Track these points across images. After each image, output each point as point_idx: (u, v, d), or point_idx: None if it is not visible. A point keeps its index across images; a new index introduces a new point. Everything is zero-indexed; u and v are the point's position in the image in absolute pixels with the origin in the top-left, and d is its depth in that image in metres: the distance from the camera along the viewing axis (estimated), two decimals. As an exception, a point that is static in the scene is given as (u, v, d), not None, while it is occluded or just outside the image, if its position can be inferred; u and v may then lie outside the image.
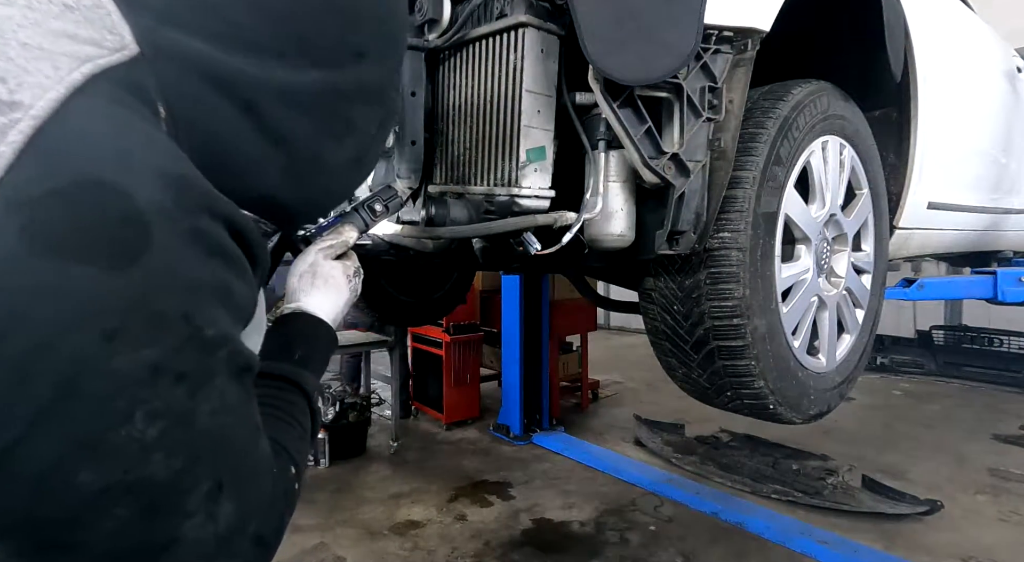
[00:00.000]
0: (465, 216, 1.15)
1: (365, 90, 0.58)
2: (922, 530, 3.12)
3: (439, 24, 1.10)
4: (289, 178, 0.56)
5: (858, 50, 1.56)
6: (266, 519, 0.50)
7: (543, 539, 3.08)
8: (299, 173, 0.57)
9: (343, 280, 0.81)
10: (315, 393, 0.71)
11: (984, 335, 6.33)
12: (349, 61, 0.55)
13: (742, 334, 1.25)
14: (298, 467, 0.60)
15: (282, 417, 0.64)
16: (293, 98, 0.52)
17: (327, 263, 0.80)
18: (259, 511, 0.49)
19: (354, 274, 0.83)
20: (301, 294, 0.78)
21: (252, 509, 0.48)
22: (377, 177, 1.29)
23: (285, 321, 0.77)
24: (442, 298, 3.04)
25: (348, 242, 0.84)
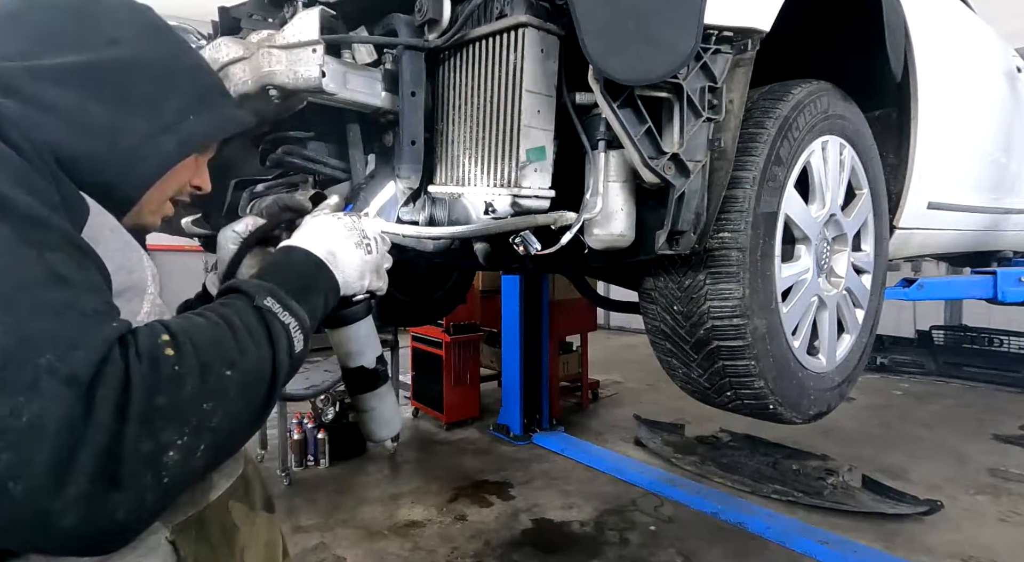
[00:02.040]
0: (465, 216, 1.15)
1: (134, 69, 0.69)
2: (922, 530, 3.12)
3: (439, 24, 1.10)
4: (73, 135, 0.64)
5: (858, 50, 1.56)
6: (68, 358, 0.46)
7: (543, 539, 3.09)
8: (81, 131, 0.64)
9: (328, 219, 0.80)
10: (261, 295, 0.64)
11: (984, 335, 6.34)
12: (104, 46, 0.68)
13: (742, 334, 1.25)
14: (176, 342, 0.52)
15: (197, 315, 0.59)
16: (54, 76, 0.64)
17: (315, 218, 0.81)
18: (49, 346, 0.46)
19: (348, 216, 0.82)
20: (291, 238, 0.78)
21: (36, 342, 0.46)
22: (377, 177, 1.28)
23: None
24: (442, 298, 3.04)
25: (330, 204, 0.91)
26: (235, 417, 0.56)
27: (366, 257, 0.80)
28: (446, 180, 1.19)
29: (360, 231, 0.81)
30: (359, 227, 0.81)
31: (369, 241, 0.82)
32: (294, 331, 0.64)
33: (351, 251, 0.79)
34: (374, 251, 0.82)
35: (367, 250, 0.81)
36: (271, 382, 0.60)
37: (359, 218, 0.84)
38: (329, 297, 0.75)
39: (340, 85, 1.06)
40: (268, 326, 0.62)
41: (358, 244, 0.79)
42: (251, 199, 1.40)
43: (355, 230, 0.80)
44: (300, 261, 0.74)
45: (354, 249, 0.79)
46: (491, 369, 5.36)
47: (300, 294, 0.69)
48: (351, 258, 0.78)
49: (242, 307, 0.62)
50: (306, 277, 0.73)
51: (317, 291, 0.73)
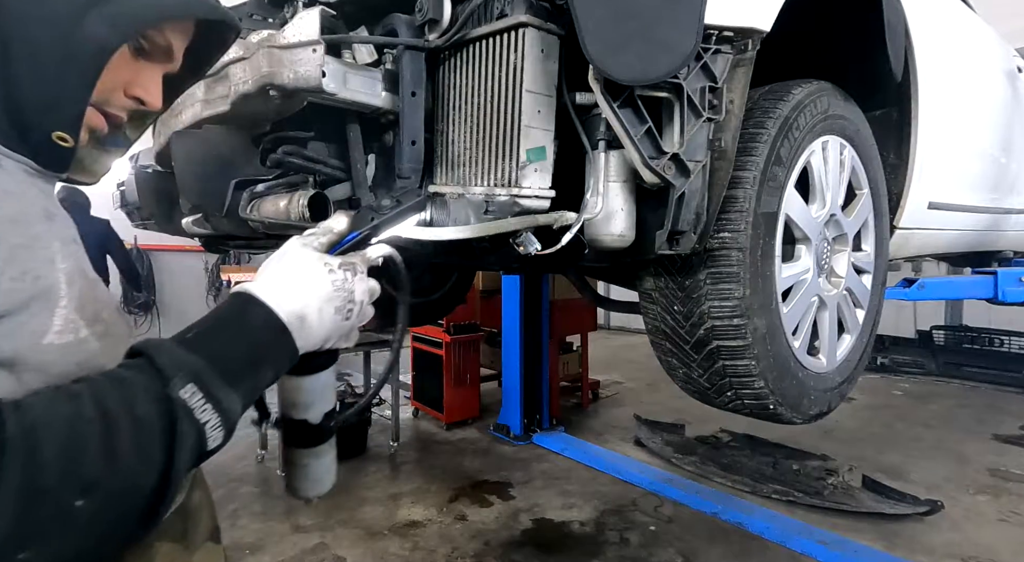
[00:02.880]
0: (465, 216, 1.15)
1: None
2: (922, 530, 3.12)
3: (439, 24, 1.10)
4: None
5: (858, 50, 1.56)
6: None
7: (543, 539, 3.08)
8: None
9: (315, 267, 0.63)
10: (180, 379, 0.50)
11: (984, 335, 6.34)
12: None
13: (742, 334, 1.25)
14: (2, 448, 0.39)
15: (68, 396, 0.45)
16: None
17: (301, 249, 0.65)
18: None
19: (341, 268, 0.65)
20: (256, 279, 0.62)
21: None
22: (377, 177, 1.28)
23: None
24: (442, 298, 3.04)
25: (332, 229, 0.69)
26: (86, 552, 0.43)
27: (342, 323, 0.65)
28: (446, 180, 1.19)
29: (348, 294, 0.64)
30: (348, 287, 0.64)
31: (353, 306, 0.65)
32: (211, 429, 0.51)
33: (328, 317, 0.62)
34: (353, 317, 0.66)
35: (346, 316, 0.65)
36: (154, 499, 0.47)
37: (353, 273, 0.66)
38: (279, 370, 0.61)
39: (340, 85, 1.06)
40: (173, 426, 0.48)
41: (339, 309, 0.63)
42: (251, 199, 1.40)
43: (343, 292, 0.64)
44: (257, 325, 0.58)
45: (332, 315, 0.63)
46: (491, 369, 5.36)
47: (241, 373, 0.55)
48: (324, 324, 0.62)
49: (143, 395, 0.47)
50: (258, 348, 0.57)
51: (266, 366, 0.58)
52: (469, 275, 3.18)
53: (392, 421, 4.36)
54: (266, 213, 1.33)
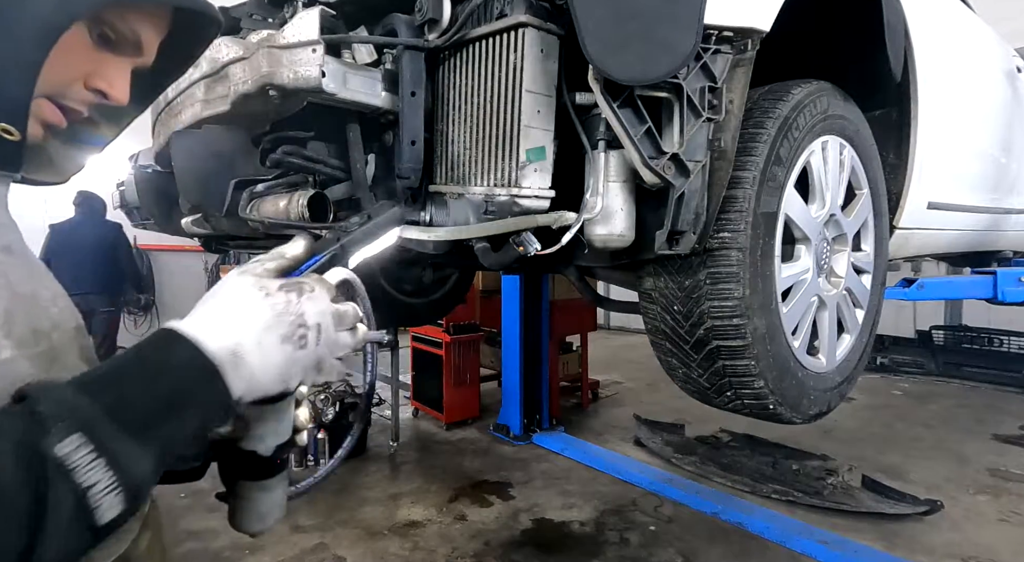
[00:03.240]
0: (465, 216, 1.15)
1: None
2: (922, 530, 3.12)
3: (439, 24, 1.10)
4: None
5: (858, 50, 1.56)
6: None
7: (543, 539, 3.08)
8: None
9: (248, 293, 0.53)
10: (62, 429, 0.40)
11: (984, 335, 6.34)
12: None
13: (742, 334, 1.25)
14: None
15: None
16: None
17: (236, 277, 0.56)
18: None
19: (282, 290, 0.55)
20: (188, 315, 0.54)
21: None
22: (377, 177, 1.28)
23: None
24: (442, 298, 3.04)
25: (284, 253, 0.61)
26: None
27: (296, 354, 0.54)
28: (446, 180, 1.19)
29: (296, 317, 0.54)
30: (296, 311, 0.54)
31: (306, 330, 0.54)
32: (101, 494, 0.40)
33: (273, 348, 0.52)
34: (310, 344, 0.55)
35: (299, 344, 0.54)
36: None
37: (300, 293, 0.55)
38: (209, 418, 0.50)
39: (340, 85, 1.06)
40: (41, 494, 0.37)
41: (287, 337, 0.53)
42: (251, 199, 1.40)
43: (287, 316, 0.53)
44: (178, 364, 0.48)
45: (278, 345, 0.53)
46: (491, 369, 5.35)
47: (151, 421, 0.45)
48: (270, 358, 0.52)
49: (7, 452, 0.38)
50: (176, 391, 0.47)
51: (188, 412, 0.48)
52: (469, 275, 3.18)
53: (392, 421, 4.36)
54: (266, 213, 1.33)
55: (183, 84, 1.30)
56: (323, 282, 0.59)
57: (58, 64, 0.54)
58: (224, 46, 1.16)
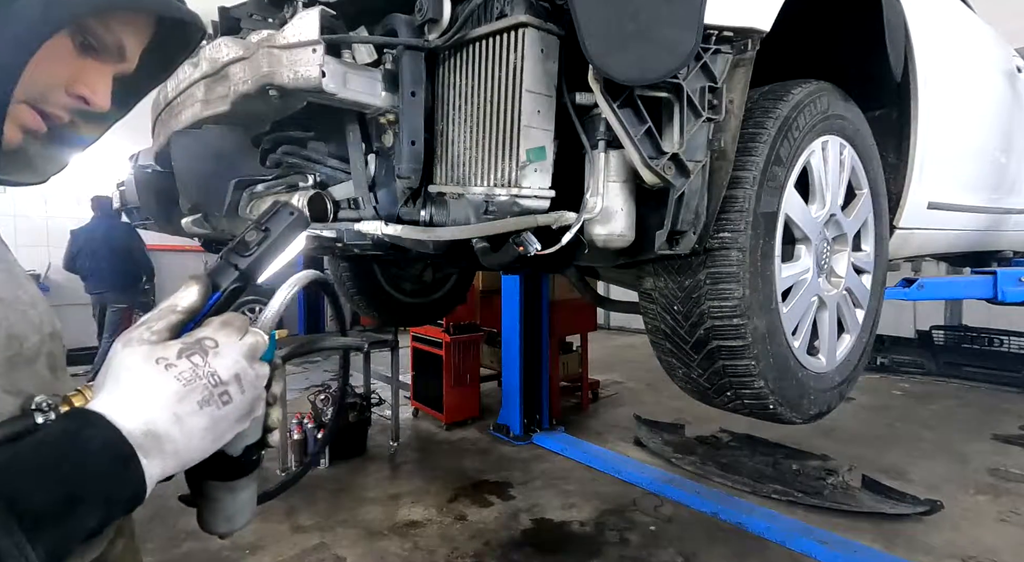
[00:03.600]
0: (465, 216, 1.15)
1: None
2: (922, 530, 3.12)
3: (439, 24, 1.10)
4: None
5: (858, 50, 1.56)
6: None
7: (543, 539, 3.08)
8: None
9: (145, 371, 0.49)
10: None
11: (984, 335, 6.34)
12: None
13: (742, 334, 1.25)
14: None
15: None
16: None
17: (123, 353, 0.50)
18: None
19: (183, 356, 0.50)
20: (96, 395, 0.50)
21: None
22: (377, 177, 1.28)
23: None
24: (442, 298, 3.04)
25: (175, 307, 0.55)
26: None
27: (219, 413, 0.51)
28: (446, 180, 1.19)
29: (208, 379, 0.51)
30: (206, 372, 0.51)
31: (226, 387, 0.51)
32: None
33: (193, 417, 0.49)
34: (236, 397, 0.52)
35: (221, 402, 0.51)
36: None
37: (204, 354, 0.51)
38: (113, 512, 0.46)
39: (340, 85, 1.06)
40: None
41: (205, 401, 0.50)
42: (251, 199, 1.40)
43: (198, 381, 0.50)
44: (92, 450, 0.44)
45: (198, 412, 0.49)
46: (491, 369, 5.36)
47: (49, 517, 0.41)
48: (193, 426, 0.49)
49: None
50: (83, 483, 0.43)
51: (93, 504, 0.44)
52: (469, 275, 3.18)
53: (392, 421, 4.36)
54: (266, 213, 1.33)
55: (183, 84, 1.30)
56: (226, 324, 0.55)
57: (39, 70, 0.54)
58: (224, 46, 1.16)
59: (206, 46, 1.23)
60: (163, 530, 3.02)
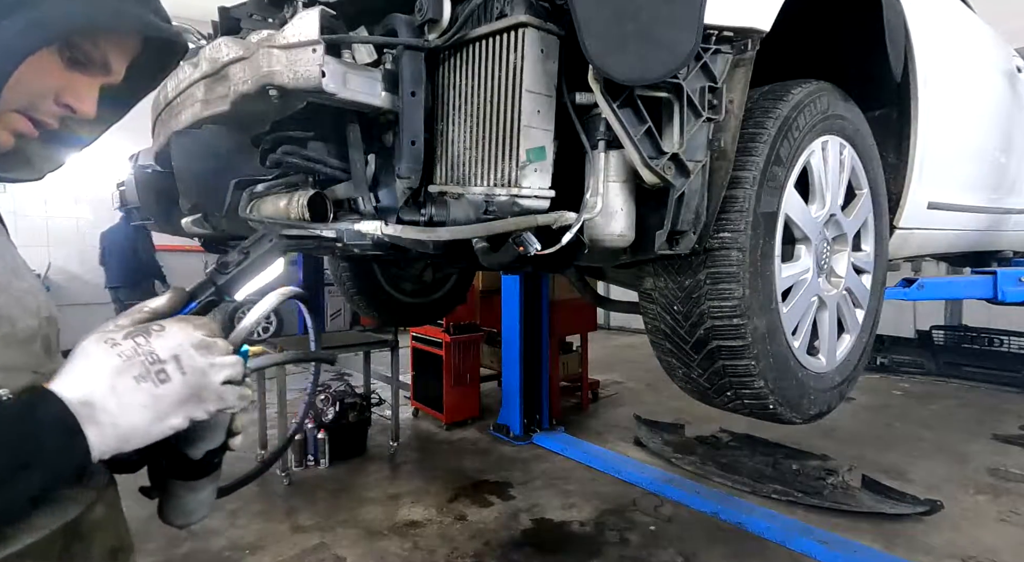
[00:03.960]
0: (465, 216, 1.15)
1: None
2: (922, 530, 3.12)
3: (439, 24, 1.10)
4: None
5: (858, 50, 1.56)
6: None
7: (543, 539, 3.09)
8: None
9: (94, 348, 0.55)
10: None
11: (984, 335, 6.34)
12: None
13: (742, 334, 1.25)
14: None
15: None
16: None
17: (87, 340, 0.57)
18: None
19: (127, 337, 0.56)
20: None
21: None
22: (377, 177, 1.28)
23: None
24: (442, 298, 3.04)
25: (143, 308, 0.62)
26: None
27: (159, 390, 0.55)
28: (446, 180, 1.19)
29: (146, 356, 0.56)
30: (145, 350, 0.56)
31: (162, 365, 0.56)
32: None
33: (129, 390, 0.54)
34: (174, 377, 0.56)
35: (159, 380, 0.56)
36: None
37: (147, 335, 0.57)
38: (59, 469, 0.52)
39: (340, 85, 1.06)
40: None
41: (142, 376, 0.55)
42: (251, 199, 1.40)
43: (137, 358, 0.55)
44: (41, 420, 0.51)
45: (135, 386, 0.54)
46: (491, 369, 5.36)
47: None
48: (130, 399, 0.54)
49: None
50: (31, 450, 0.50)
51: (39, 469, 0.50)
52: (469, 275, 3.18)
53: (392, 421, 4.36)
54: (266, 213, 1.33)
55: (183, 84, 1.30)
56: (183, 321, 0.60)
57: (28, 81, 0.59)
58: (224, 46, 1.16)
59: (206, 46, 1.23)
60: (163, 530, 3.01)
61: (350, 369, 5.36)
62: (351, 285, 2.70)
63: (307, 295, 0.77)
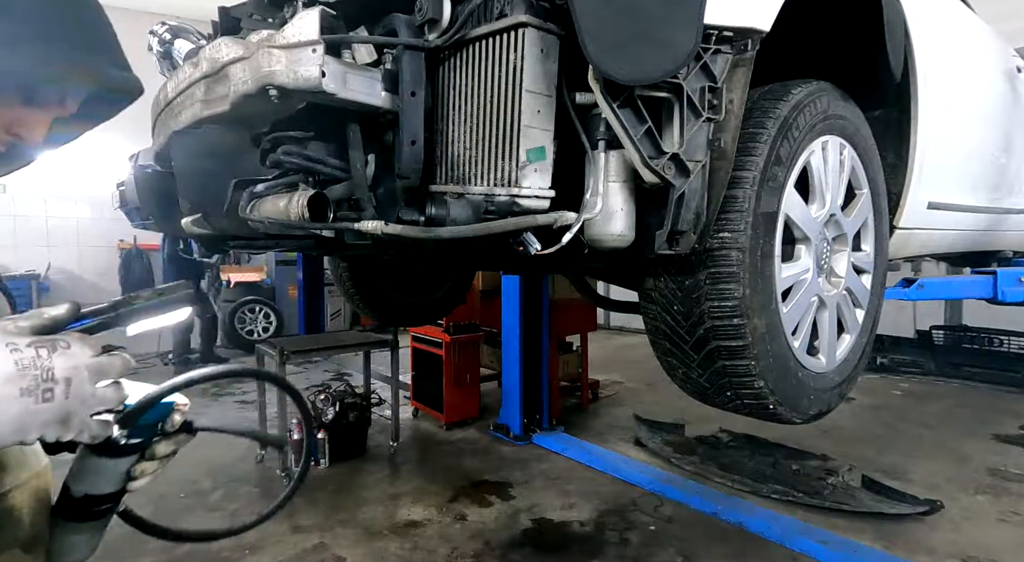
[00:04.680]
0: (465, 216, 1.15)
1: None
2: (922, 530, 3.12)
3: (439, 24, 1.10)
4: None
5: (858, 50, 1.56)
6: None
7: (543, 539, 3.08)
8: None
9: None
10: None
11: (984, 335, 6.33)
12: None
13: (742, 334, 1.25)
14: None
15: None
16: None
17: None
18: None
19: (31, 346, 0.55)
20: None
21: None
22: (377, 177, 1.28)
23: None
24: (442, 298, 3.05)
25: (43, 313, 0.61)
26: None
27: (36, 407, 0.55)
28: (446, 180, 1.19)
29: (42, 372, 0.55)
30: (43, 365, 0.55)
31: (52, 384, 0.55)
32: None
33: (8, 401, 0.53)
34: (57, 398, 0.56)
35: (43, 398, 0.55)
36: None
37: (53, 349, 0.56)
38: None
39: (340, 85, 1.06)
40: None
41: (28, 390, 0.54)
42: (251, 199, 1.40)
43: (32, 370, 0.55)
44: None
45: (16, 397, 0.54)
46: (491, 369, 5.35)
47: None
48: (5, 409, 0.53)
49: None
50: None
51: None
52: (469, 275, 3.18)
53: (392, 421, 4.36)
54: (266, 213, 1.33)
55: (183, 84, 1.30)
56: (85, 339, 0.60)
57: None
58: (224, 46, 1.16)
59: (206, 46, 1.23)
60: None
61: (350, 369, 5.36)
62: (351, 285, 2.70)
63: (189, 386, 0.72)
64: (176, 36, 1.69)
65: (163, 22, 1.72)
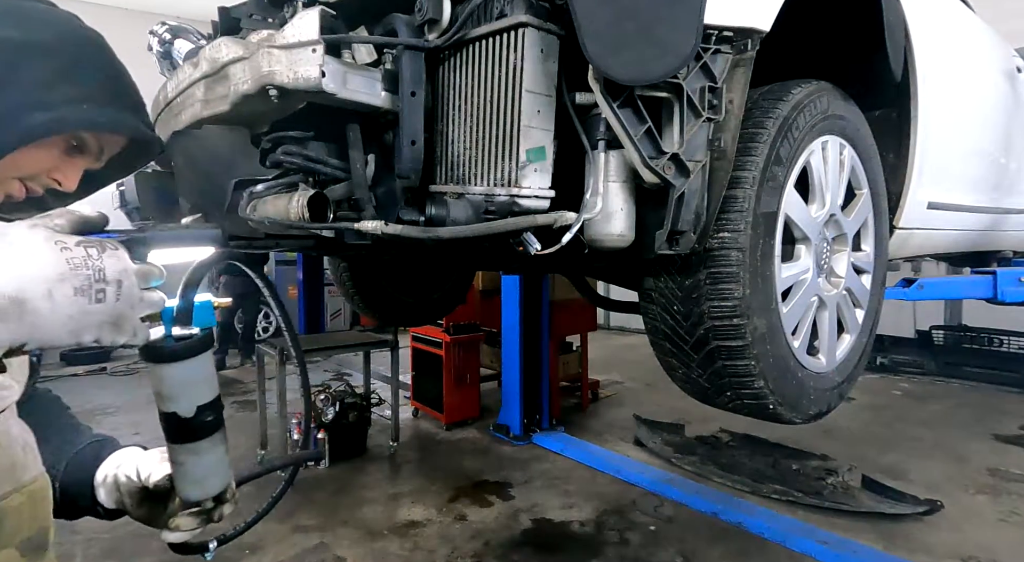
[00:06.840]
0: (465, 216, 1.15)
1: (26, 50, 0.68)
2: (922, 530, 3.12)
3: (439, 24, 1.10)
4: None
5: (858, 50, 1.56)
6: None
7: (543, 539, 3.09)
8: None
9: (41, 244, 0.52)
10: None
11: (984, 335, 6.33)
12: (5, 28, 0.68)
13: (742, 334, 1.25)
14: None
15: None
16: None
17: (25, 229, 0.53)
18: None
19: (80, 245, 0.54)
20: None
21: None
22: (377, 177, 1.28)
23: None
24: (442, 298, 3.04)
25: (74, 211, 0.60)
26: None
27: (90, 307, 0.53)
28: (446, 180, 1.19)
29: (95, 272, 0.54)
30: (94, 265, 0.54)
31: (105, 286, 0.54)
32: None
33: (65, 300, 0.52)
34: (109, 300, 0.55)
35: (95, 298, 0.54)
36: None
37: (102, 250, 0.55)
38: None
39: (340, 85, 1.06)
40: None
41: (81, 289, 0.52)
42: (251, 199, 1.40)
43: (84, 270, 0.53)
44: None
45: (71, 297, 0.52)
46: (491, 369, 5.36)
47: None
48: (61, 309, 0.51)
49: None
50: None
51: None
52: (469, 275, 3.18)
53: (392, 421, 4.36)
54: (266, 213, 1.33)
55: (183, 84, 1.30)
56: (124, 246, 0.59)
57: (35, 159, 0.71)
58: (224, 46, 1.16)
59: (206, 46, 1.23)
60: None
61: (350, 369, 5.36)
62: (351, 285, 2.70)
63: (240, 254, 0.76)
64: (176, 36, 1.69)
65: (163, 22, 1.72)
